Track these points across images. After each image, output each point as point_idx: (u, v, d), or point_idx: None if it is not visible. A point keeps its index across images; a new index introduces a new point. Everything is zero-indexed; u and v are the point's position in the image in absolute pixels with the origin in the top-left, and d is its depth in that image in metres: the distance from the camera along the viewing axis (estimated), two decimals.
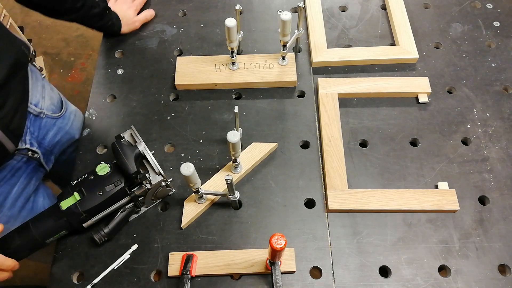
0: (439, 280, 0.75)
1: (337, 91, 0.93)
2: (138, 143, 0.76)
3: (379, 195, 0.81)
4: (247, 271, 0.75)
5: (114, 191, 0.74)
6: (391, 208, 0.80)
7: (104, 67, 1.01)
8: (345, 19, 1.07)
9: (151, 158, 0.76)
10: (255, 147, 0.87)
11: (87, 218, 0.74)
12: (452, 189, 0.81)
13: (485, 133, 0.90)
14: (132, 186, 0.76)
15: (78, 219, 0.73)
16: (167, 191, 0.82)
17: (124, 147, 0.75)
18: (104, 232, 0.75)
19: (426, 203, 0.80)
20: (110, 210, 0.76)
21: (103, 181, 0.74)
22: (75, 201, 0.73)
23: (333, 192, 0.81)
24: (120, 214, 0.77)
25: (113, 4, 1.05)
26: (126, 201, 0.77)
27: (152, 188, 0.77)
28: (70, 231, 0.76)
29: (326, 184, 0.83)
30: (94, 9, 0.95)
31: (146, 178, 0.75)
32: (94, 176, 0.75)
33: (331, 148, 0.87)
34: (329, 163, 0.85)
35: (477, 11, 1.08)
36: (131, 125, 0.82)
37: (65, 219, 0.73)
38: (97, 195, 0.73)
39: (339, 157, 0.85)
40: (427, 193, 0.81)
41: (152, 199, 0.81)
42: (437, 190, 0.82)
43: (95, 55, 2.18)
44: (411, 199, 0.80)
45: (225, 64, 0.97)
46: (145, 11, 1.07)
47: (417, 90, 0.93)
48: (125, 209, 0.78)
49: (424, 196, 0.80)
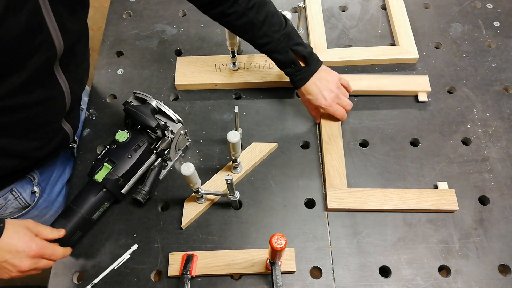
0: (439, 280, 0.75)
1: None
2: (150, 100, 0.80)
3: (379, 194, 0.81)
4: (247, 271, 0.75)
5: (141, 150, 0.78)
6: (390, 207, 0.80)
7: (104, 67, 1.01)
8: (345, 19, 1.07)
9: (167, 109, 0.80)
10: (255, 147, 0.87)
11: (125, 183, 0.78)
12: (452, 189, 0.81)
13: (485, 133, 0.90)
14: (154, 144, 0.80)
15: (116, 185, 0.76)
16: (185, 140, 0.87)
17: (138, 106, 0.79)
18: (145, 191, 0.79)
19: (425, 203, 0.79)
20: (142, 170, 0.80)
21: (127, 146, 0.78)
22: (108, 170, 0.76)
23: (333, 191, 0.81)
24: (152, 172, 0.81)
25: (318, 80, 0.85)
26: (154, 159, 0.81)
27: (174, 138, 0.81)
28: (111, 201, 0.79)
29: (326, 183, 0.83)
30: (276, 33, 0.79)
31: (168, 128, 0.79)
32: (116, 145, 0.78)
33: (331, 146, 0.86)
34: (329, 161, 0.85)
35: (477, 11, 1.07)
36: (132, 91, 0.85)
37: (104, 190, 0.76)
38: (126, 159, 0.77)
39: (338, 155, 0.85)
40: (426, 193, 0.81)
41: (175, 152, 0.85)
42: (436, 190, 0.81)
43: (95, 55, 2.17)
44: (410, 198, 0.80)
45: (225, 64, 0.97)
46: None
47: (417, 89, 0.93)
48: (155, 167, 0.81)
49: (423, 195, 0.80)
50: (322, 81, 0.85)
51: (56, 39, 0.61)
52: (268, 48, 0.81)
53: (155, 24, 1.08)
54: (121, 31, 1.07)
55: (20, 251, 0.63)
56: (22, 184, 0.81)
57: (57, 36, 0.61)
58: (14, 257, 0.62)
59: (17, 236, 0.63)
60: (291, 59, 0.82)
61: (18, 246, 0.62)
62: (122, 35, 1.06)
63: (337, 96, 0.86)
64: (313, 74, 0.84)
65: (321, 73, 0.85)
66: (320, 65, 0.85)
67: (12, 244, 0.62)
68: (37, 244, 0.65)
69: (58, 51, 0.63)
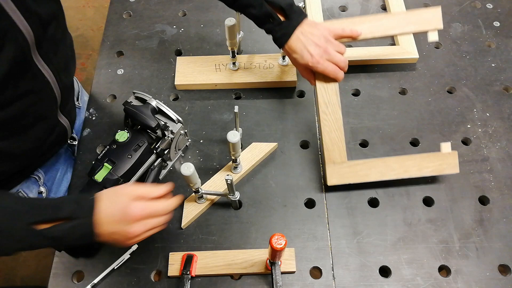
0: (439, 280, 0.75)
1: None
2: (149, 100, 0.81)
3: (379, 165, 0.78)
4: (247, 271, 0.75)
5: (141, 150, 0.78)
6: (391, 178, 0.78)
7: (104, 67, 1.01)
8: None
9: (167, 109, 0.80)
10: (255, 147, 0.87)
11: (124, 183, 0.76)
12: (455, 151, 0.79)
13: (485, 133, 0.90)
14: (154, 144, 0.80)
15: (116, 185, 0.75)
16: (185, 140, 0.87)
17: (138, 106, 0.79)
18: None
19: (426, 169, 0.78)
20: (142, 170, 0.80)
21: (127, 146, 0.78)
22: (108, 170, 0.75)
23: (332, 167, 0.77)
24: (152, 172, 0.81)
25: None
26: (154, 159, 0.81)
27: (174, 138, 0.81)
28: None
29: (325, 158, 0.79)
30: None
31: (168, 128, 0.79)
32: (116, 145, 0.78)
33: (328, 116, 0.79)
34: (327, 133, 0.78)
35: (477, 11, 1.08)
36: (132, 91, 0.85)
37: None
38: (126, 159, 0.77)
39: (337, 126, 0.79)
40: (428, 158, 0.78)
41: (175, 152, 0.85)
42: (438, 154, 0.79)
43: (95, 55, 2.18)
44: (411, 166, 0.77)
45: (225, 64, 0.97)
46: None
47: (426, 28, 0.80)
48: (155, 167, 0.81)
49: (425, 161, 0.78)
50: (307, 35, 0.76)
51: (21, 25, 0.57)
52: (240, 3, 0.76)
53: (155, 24, 1.08)
54: (121, 31, 1.07)
55: (122, 219, 0.59)
56: (28, 184, 0.81)
57: (21, 22, 0.57)
58: (119, 226, 0.59)
59: (113, 206, 0.59)
60: (267, 13, 0.74)
61: (116, 215, 0.59)
62: (122, 35, 1.06)
63: (325, 51, 0.76)
64: (295, 28, 0.76)
65: (305, 27, 0.76)
66: (304, 18, 0.77)
67: (110, 214, 0.58)
68: (136, 207, 0.60)
69: (28, 38, 0.60)
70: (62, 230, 0.56)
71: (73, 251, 0.75)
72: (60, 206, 0.57)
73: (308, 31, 0.76)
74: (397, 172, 0.77)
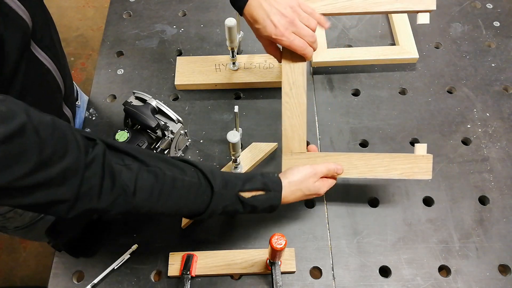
0: (439, 280, 0.75)
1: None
2: (149, 100, 0.81)
3: (342, 160, 0.71)
4: (247, 271, 0.75)
5: None
6: (352, 176, 0.72)
7: (104, 67, 1.01)
8: (345, 19, 1.07)
9: (167, 109, 0.80)
10: (255, 147, 0.87)
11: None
12: (430, 154, 0.72)
13: (485, 133, 0.90)
14: (154, 144, 0.80)
15: None
16: (185, 140, 0.87)
17: (138, 106, 0.80)
18: None
19: (394, 171, 0.70)
20: None
21: None
22: None
23: (289, 157, 0.72)
24: None
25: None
26: None
27: (174, 138, 0.81)
28: None
29: (282, 147, 0.74)
30: None
31: (168, 128, 0.79)
32: None
33: (291, 99, 0.72)
34: (288, 119, 0.72)
35: (477, 11, 1.08)
36: (132, 91, 0.85)
37: None
38: None
39: (300, 111, 0.72)
40: (398, 159, 0.71)
41: (175, 152, 0.85)
42: (410, 155, 0.71)
43: (95, 55, 2.18)
44: (377, 166, 0.70)
45: (225, 64, 0.97)
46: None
47: (417, 6, 0.73)
48: None
49: (394, 162, 0.70)
50: (271, 2, 0.67)
51: (20, 11, 0.57)
52: None
53: (155, 24, 1.08)
54: (121, 31, 1.07)
55: (301, 191, 0.69)
56: None
57: (19, 7, 0.57)
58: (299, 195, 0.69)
59: (293, 178, 0.69)
60: None
61: (296, 190, 0.69)
62: (122, 35, 1.06)
63: (291, 22, 0.68)
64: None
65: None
66: None
67: (291, 191, 0.68)
68: (309, 182, 0.70)
69: (28, 23, 0.59)
70: (259, 199, 0.65)
71: (73, 251, 0.75)
72: (254, 179, 0.65)
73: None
74: (360, 170, 0.71)
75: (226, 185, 0.62)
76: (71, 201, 0.50)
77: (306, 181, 0.69)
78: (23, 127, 0.43)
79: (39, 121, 0.46)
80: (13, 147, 0.42)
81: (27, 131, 0.43)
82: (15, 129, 0.42)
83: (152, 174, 0.56)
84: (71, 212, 0.51)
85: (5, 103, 0.43)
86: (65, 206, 0.50)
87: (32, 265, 1.67)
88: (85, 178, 0.50)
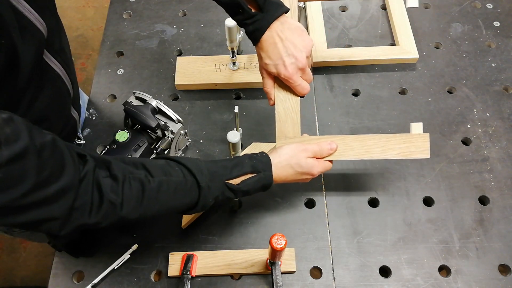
0: (439, 280, 0.75)
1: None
2: (149, 100, 0.81)
3: (337, 143, 0.70)
4: (247, 271, 0.75)
5: (141, 150, 0.78)
6: (349, 158, 0.70)
7: (104, 67, 1.01)
8: (345, 19, 1.07)
9: (167, 109, 0.80)
10: (255, 147, 0.87)
11: None
12: (426, 133, 0.71)
13: (485, 133, 0.90)
14: (154, 144, 0.80)
15: None
16: (185, 140, 0.87)
17: (138, 106, 0.80)
18: None
19: (391, 151, 0.69)
20: None
21: (127, 146, 0.78)
22: None
23: (283, 142, 0.72)
24: None
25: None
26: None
27: (174, 138, 0.81)
28: None
29: (276, 130, 0.73)
30: None
31: (168, 128, 0.79)
32: (116, 145, 0.78)
33: (284, 95, 0.72)
34: (281, 102, 0.71)
35: (477, 11, 1.08)
36: (132, 91, 0.85)
37: None
38: None
39: (293, 94, 0.72)
40: (394, 139, 0.70)
41: (175, 152, 0.85)
42: (406, 135, 0.71)
43: (95, 55, 2.17)
44: (374, 146, 0.69)
45: (225, 64, 0.97)
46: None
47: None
48: None
49: (390, 143, 0.69)
50: (287, 44, 0.66)
51: (37, 21, 0.57)
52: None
53: (155, 24, 1.08)
54: (121, 31, 1.07)
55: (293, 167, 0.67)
56: None
57: (36, 18, 0.57)
58: (292, 174, 0.68)
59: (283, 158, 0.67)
60: (236, 2, 0.66)
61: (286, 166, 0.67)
62: (122, 35, 1.06)
63: (302, 70, 0.69)
64: (270, 23, 0.67)
65: (287, 32, 0.67)
66: (283, 12, 0.67)
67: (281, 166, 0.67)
68: (301, 156, 0.68)
69: (44, 33, 0.60)
70: (250, 183, 0.64)
71: (73, 250, 0.75)
72: (242, 164, 0.64)
73: (290, 39, 0.67)
74: (356, 152, 0.69)
75: (213, 176, 0.62)
76: (64, 218, 0.50)
77: (296, 155, 0.67)
78: (26, 149, 0.43)
79: (41, 143, 0.46)
80: (14, 169, 0.42)
81: (29, 154, 0.44)
82: (18, 152, 0.42)
83: (138, 182, 0.56)
84: (64, 229, 0.51)
85: (10, 125, 0.43)
86: (58, 223, 0.50)
87: (32, 265, 1.67)
88: (78, 196, 0.50)
